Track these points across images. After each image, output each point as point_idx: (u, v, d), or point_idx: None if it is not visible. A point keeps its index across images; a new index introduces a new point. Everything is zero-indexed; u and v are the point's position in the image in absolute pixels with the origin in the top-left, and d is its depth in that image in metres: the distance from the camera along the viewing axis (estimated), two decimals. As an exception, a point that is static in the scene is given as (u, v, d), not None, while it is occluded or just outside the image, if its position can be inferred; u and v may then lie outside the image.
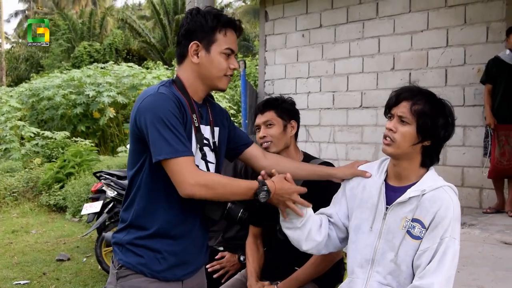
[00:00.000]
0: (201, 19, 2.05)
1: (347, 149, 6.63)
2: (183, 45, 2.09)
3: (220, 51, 2.06)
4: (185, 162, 1.89)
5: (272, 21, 7.58)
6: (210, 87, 2.14)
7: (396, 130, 2.02)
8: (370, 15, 6.49)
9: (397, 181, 2.11)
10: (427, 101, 2.01)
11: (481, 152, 5.50)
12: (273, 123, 2.73)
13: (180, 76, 2.11)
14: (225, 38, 2.07)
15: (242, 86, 7.36)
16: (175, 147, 1.89)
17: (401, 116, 2.01)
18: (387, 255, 2.05)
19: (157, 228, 2.00)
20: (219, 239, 3.16)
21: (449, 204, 1.97)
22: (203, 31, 2.05)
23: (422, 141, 2.01)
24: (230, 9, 31.63)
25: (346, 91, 6.71)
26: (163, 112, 1.91)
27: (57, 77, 15.45)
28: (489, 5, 5.60)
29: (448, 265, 1.93)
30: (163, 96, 1.96)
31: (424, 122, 1.98)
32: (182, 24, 2.09)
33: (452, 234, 1.96)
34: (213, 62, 2.06)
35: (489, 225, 4.61)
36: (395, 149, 2.03)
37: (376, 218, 2.10)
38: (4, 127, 13.10)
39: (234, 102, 15.31)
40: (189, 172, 1.89)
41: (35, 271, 5.91)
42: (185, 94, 2.06)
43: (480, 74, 5.50)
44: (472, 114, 5.70)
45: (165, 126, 1.90)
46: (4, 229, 8.31)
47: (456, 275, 2.62)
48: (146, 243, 2.00)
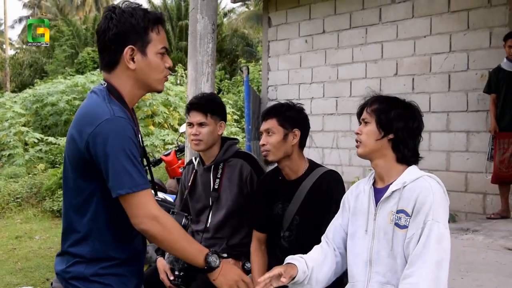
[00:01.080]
0: (130, 20, 1.85)
1: (350, 154, 6.63)
2: (113, 51, 1.86)
3: (156, 52, 1.89)
4: (145, 195, 1.78)
5: (275, 27, 7.60)
6: (147, 91, 1.98)
7: (361, 132, 2.21)
8: (373, 20, 6.50)
9: (382, 182, 2.21)
10: (382, 101, 2.23)
11: (484, 158, 5.51)
12: (273, 132, 2.73)
13: (113, 84, 1.90)
14: (158, 37, 1.90)
15: (245, 92, 7.37)
16: (137, 181, 1.76)
17: (364, 119, 2.22)
18: (382, 252, 2.11)
19: (129, 255, 1.93)
20: (223, 246, 3.14)
21: (428, 189, 2.04)
22: (136, 32, 1.85)
23: (385, 135, 2.15)
24: (234, 14, 31.70)
25: (349, 96, 6.71)
26: (125, 142, 1.76)
27: (61, 83, 15.48)
28: (492, 10, 5.60)
29: (434, 248, 1.96)
30: (122, 121, 1.78)
31: (380, 117, 2.16)
32: (107, 28, 1.86)
33: (434, 217, 1.99)
34: (151, 65, 1.89)
35: (493, 231, 4.60)
36: (363, 148, 2.20)
37: (369, 221, 2.18)
38: (8, 133, 13.13)
39: (237, 108, 15.32)
40: (149, 207, 1.78)
41: (39, 277, 5.91)
42: (125, 106, 1.88)
43: (484, 80, 5.50)
44: (476, 119, 5.69)
45: (127, 157, 1.76)
46: (8, 234, 8.32)
47: (460, 281, 2.62)
48: (114, 271, 1.90)
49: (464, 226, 4.78)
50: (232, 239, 3.14)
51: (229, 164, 3.13)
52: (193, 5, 4.48)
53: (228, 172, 3.12)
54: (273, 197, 2.85)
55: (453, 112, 5.83)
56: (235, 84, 19.50)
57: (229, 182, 3.11)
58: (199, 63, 4.41)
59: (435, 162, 5.83)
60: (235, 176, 3.10)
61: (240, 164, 3.11)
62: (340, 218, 2.36)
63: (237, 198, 3.09)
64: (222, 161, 3.13)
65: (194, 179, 3.26)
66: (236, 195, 3.09)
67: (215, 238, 3.16)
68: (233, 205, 3.09)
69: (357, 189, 2.32)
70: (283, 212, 2.79)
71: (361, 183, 2.34)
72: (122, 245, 1.91)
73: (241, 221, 3.12)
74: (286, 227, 2.79)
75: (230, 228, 3.13)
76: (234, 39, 26.39)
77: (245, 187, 3.09)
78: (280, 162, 2.76)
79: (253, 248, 2.92)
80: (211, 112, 3.07)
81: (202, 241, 3.18)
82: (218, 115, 3.10)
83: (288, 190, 2.78)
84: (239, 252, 3.12)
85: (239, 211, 3.09)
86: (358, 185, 2.34)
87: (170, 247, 1.86)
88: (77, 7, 38.87)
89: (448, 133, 5.84)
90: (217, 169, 3.13)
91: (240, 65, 16.80)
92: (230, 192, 3.10)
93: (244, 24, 27.59)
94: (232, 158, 3.14)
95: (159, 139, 12.92)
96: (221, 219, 3.12)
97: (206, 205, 3.20)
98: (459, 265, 3.48)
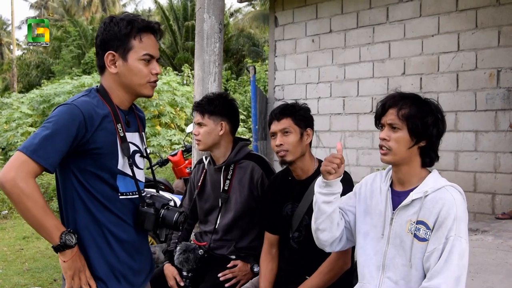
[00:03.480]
0: (114, 28, 2.00)
1: (358, 154, 6.60)
2: (100, 56, 2.04)
3: (138, 58, 2.01)
4: (26, 162, 1.82)
5: (282, 27, 7.58)
6: (135, 95, 2.10)
7: (390, 138, 2.07)
8: (380, 19, 6.47)
9: (401, 186, 2.14)
10: (412, 103, 2.07)
11: (493, 157, 5.47)
12: (290, 131, 2.70)
13: (104, 85, 2.06)
14: (141, 44, 2.02)
15: (252, 92, 7.35)
16: (35, 148, 1.83)
17: (391, 124, 2.08)
18: (397, 259, 2.07)
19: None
20: (231, 248, 3.13)
21: (452, 203, 1.98)
22: (117, 40, 2.00)
23: (417, 143, 2.05)
24: (240, 14, 31.70)
25: (357, 96, 6.68)
26: (60, 119, 1.88)
27: (67, 83, 15.55)
28: (500, 9, 5.55)
29: (456, 264, 1.93)
30: (73, 107, 1.92)
31: (414, 124, 2.03)
32: (97, 35, 2.05)
33: (457, 232, 1.95)
34: (132, 70, 2.01)
35: (503, 232, 4.55)
36: (393, 156, 2.08)
37: (385, 224, 2.12)
38: (16, 133, 13.20)
39: (244, 108, 15.30)
40: (20, 170, 1.80)
41: (46, 277, 5.92)
42: (109, 103, 2.02)
43: (492, 79, 5.46)
44: (484, 119, 5.65)
45: (49, 128, 1.86)
46: (15, 235, 8.35)
47: (469, 283, 2.59)
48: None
49: (473, 227, 4.74)
50: (241, 241, 3.13)
51: (240, 166, 3.11)
52: (199, 5, 4.46)
53: (238, 174, 3.10)
54: (283, 197, 2.83)
55: (461, 111, 5.78)
56: (242, 84, 19.50)
57: (240, 184, 3.09)
58: (206, 63, 4.40)
59: (444, 162, 5.79)
60: (246, 179, 3.07)
61: (252, 166, 3.09)
62: (349, 199, 2.32)
63: (247, 201, 3.07)
64: (233, 162, 3.10)
65: (204, 179, 3.24)
66: (246, 197, 3.07)
67: (223, 240, 3.14)
68: (242, 208, 3.07)
69: (373, 185, 2.25)
70: (293, 212, 2.78)
71: (377, 179, 2.25)
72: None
73: (250, 223, 3.10)
74: (295, 228, 2.77)
75: (239, 230, 3.12)
76: (241, 39, 26.39)
77: (256, 190, 3.07)
78: (295, 162, 2.74)
79: (264, 252, 2.90)
80: (209, 112, 3.06)
81: (211, 242, 3.16)
82: (218, 115, 3.07)
83: (298, 190, 2.76)
84: (247, 254, 3.10)
85: (249, 214, 3.08)
86: (374, 181, 2.26)
87: (24, 213, 1.85)
88: (84, 8, 39.05)
89: (456, 132, 5.80)
90: (228, 170, 3.11)
91: (247, 65, 16.76)
92: (240, 195, 3.08)
93: (250, 24, 27.59)
94: (243, 160, 3.11)
95: (166, 139, 12.95)
96: (230, 221, 3.10)
97: (214, 206, 3.18)
98: (469, 266, 3.39)
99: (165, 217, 2.07)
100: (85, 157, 1.94)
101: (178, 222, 2.08)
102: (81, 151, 1.93)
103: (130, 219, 2.06)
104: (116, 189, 2.02)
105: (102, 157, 1.97)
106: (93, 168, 1.96)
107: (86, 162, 1.95)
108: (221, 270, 3.03)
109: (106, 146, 1.97)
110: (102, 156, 1.97)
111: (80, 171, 1.96)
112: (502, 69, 5.47)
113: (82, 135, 1.90)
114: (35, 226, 1.88)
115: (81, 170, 1.96)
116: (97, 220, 1.99)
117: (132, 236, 2.08)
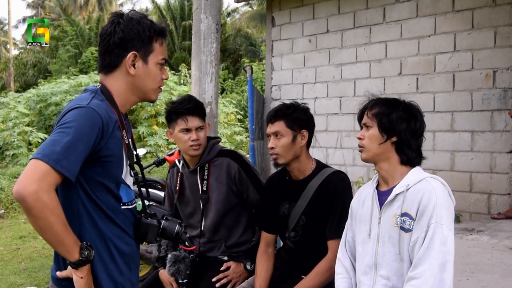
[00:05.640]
0: (137, 27, 1.90)
1: (354, 154, 6.60)
2: (116, 55, 1.91)
3: (157, 62, 1.95)
4: (48, 172, 1.65)
5: (279, 27, 7.58)
6: (141, 99, 2.02)
7: (364, 137, 2.20)
8: (377, 20, 6.48)
9: (386, 185, 2.21)
10: (383, 104, 2.21)
11: (489, 157, 5.49)
12: (282, 134, 2.70)
13: (108, 86, 1.93)
14: (161, 48, 1.96)
15: (249, 92, 7.35)
16: (57, 157, 1.66)
17: (365, 123, 2.21)
18: (387, 256, 2.11)
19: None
20: (222, 249, 3.10)
21: (431, 191, 2.03)
22: (141, 40, 1.91)
23: (388, 138, 2.15)
24: (237, 14, 31.70)
25: (353, 96, 6.69)
26: (79, 125, 1.73)
27: (64, 82, 15.55)
28: (496, 9, 5.57)
29: (438, 251, 1.96)
30: (90, 111, 1.78)
31: (381, 120, 2.16)
32: (113, 31, 1.90)
33: (438, 220, 1.99)
34: (150, 74, 1.94)
35: (498, 232, 4.57)
36: (367, 153, 2.19)
37: (373, 225, 2.18)
38: (12, 133, 13.17)
39: (240, 108, 15.31)
40: (43, 181, 1.64)
41: (43, 277, 5.91)
42: (115, 107, 1.90)
43: (488, 80, 5.47)
44: (480, 119, 5.66)
45: (67, 135, 1.71)
46: (12, 234, 8.33)
47: (465, 282, 2.61)
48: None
49: (468, 227, 4.75)
50: (230, 239, 3.11)
51: (215, 164, 3.08)
52: (196, 5, 4.47)
53: (214, 173, 3.07)
54: (280, 197, 2.83)
55: (457, 112, 5.80)
56: (239, 84, 19.51)
57: (217, 182, 3.06)
58: (202, 63, 4.40)
59: (440, 162, 5.81)
60: (223, 176, 3.05)
61: (227, 162, 3.06)
62: (350, 231, 2.36)
63: (227, 198, 3.05)
64: (207, 162, 3.07)
65: (181, 183, 3.21)
66: (226, 194, 3.05)
67: (212, 241, 3.12)
68: (224, 205, 3.05)
69: (362, 195, 2.31)
70: (289, 212, 2.78)
71: (365, 188, 2.33)
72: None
73: (235, 220, 3.09)
74: (291, 227, 2.78)
75: (226, 229, 3.10)
76: (238, 39, 26.40)
77: (234, 186, 3.05)
78: (289, 164, 2.74)
79: (260, 251, 2.89)
80: (204, 115, 3.07)
81: (200, 246, 3.14)
82: (205, 117, 3.10)
83: (295, 190, 2.76)
84: (238, 253, 3.10)
85: (232, 210, 3.07)
86: (362, 191, 2.34)
87: (46, 229, 1.68)
88: (81, 7, 38.99)
89: (452, 133, 5.81)
90: (203, 170, 3.08)
91: (244, 65, 16.79)
92: (219, 193, 3.05)
93: (247, 24, 27.60)
94: (217, 158, 3.09)
95: (163, 138, 12.95)
96: (214, 221, 3.08)
97: (196, 208, 3.15)
98: (464, 266, 3.46)
99: (165, 229, 2.00)
100: (95, 165, 1.81)
101: (179, 234, 2.03)
102: (93, 158, 1.79)
103: (130, 230, 1.96)
104: (119, 199, 1.92)
105: (111, 165, 1.86)
106: (100, 177, 1.84)
107: (95, 170, 1.82)
108: (215, 274, 3.00)
109: (117, 154, 1.88)
110: (111, 164, 1.86)
111: (87, 181, 1.82)
112: (498, 70, 5.48)
113: (98, 142, 1.78)
114: (55, 242, 1.72)
115: (88, 180, 1.83)
116: (103, 233, 1.87)
117: (133, 248, 1.99)
